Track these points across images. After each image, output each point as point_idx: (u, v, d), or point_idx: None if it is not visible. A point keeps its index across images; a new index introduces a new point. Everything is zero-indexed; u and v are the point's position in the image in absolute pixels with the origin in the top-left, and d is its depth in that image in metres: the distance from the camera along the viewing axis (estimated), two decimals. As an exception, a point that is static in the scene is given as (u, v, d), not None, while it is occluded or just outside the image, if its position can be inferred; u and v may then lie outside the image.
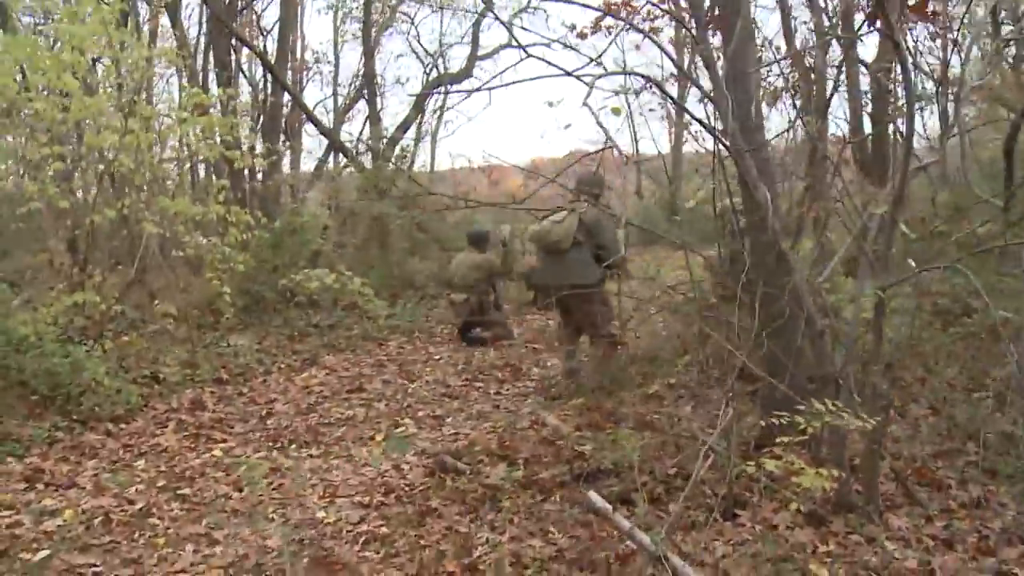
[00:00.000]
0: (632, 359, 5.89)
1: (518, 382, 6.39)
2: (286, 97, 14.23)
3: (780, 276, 3.98)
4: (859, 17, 5.72)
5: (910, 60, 6.73)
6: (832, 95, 5.33)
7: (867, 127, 7.79)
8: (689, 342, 6.19)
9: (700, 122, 3.59)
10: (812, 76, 5.82)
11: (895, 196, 2.95)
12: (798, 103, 6.02)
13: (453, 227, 11.98)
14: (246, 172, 10.88)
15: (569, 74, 2.96)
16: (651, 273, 7.00)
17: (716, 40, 4.90)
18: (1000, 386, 5.31)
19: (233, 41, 13.07)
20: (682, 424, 4.63)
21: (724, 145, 3.54)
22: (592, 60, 3.15)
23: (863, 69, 6.74)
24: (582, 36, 8.07)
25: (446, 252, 11.54)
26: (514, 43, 3.48)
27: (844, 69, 6.45)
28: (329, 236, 10.38)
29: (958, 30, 6.62)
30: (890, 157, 6.32)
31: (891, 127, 5.88)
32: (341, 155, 14.91)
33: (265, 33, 15.86)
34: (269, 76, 14.16)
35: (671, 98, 4.00)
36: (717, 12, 4.12)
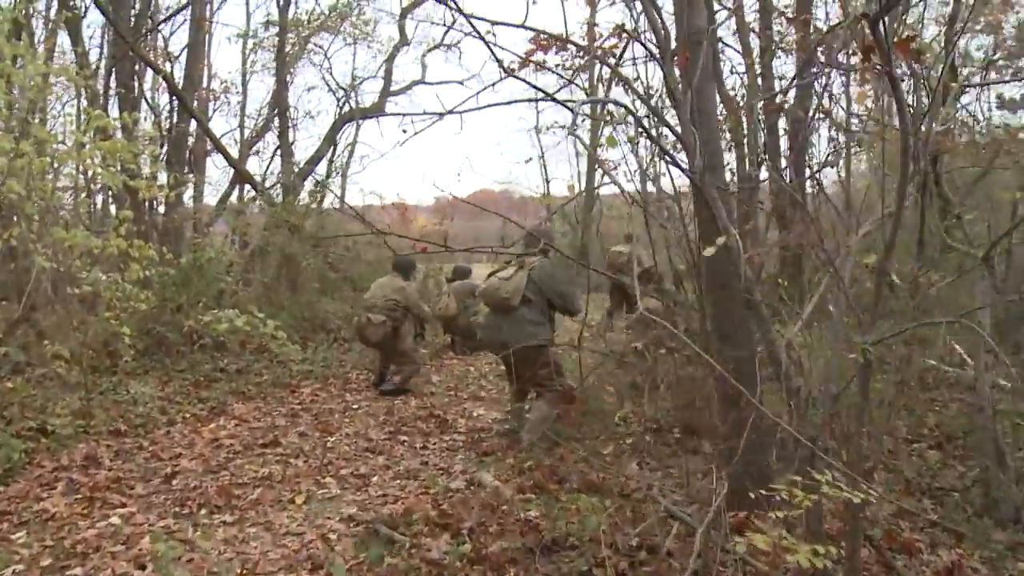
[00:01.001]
0: (574, 414, 5.64)
1: (445, 435, 6.02)
2: (191, 127, 13.62)
3: (746, 328, 3.82)
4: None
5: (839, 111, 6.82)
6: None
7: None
8: (627, 395, 6.01)
9: (674, 161, 3.38)
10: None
11: (887, 243, 2.78)
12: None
13: (368, 266, 11.57)
14: (148, 204, 10.21)
15: (550, 97, 2.69)
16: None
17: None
18: (940, 436, 5.31)
19: (137, 67, 12.43)
20: (632, 485, 4.38)
21: (696, 186, 3.34)
22: (567, 83, 2.89)
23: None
24: (509, 72, 7.82)
25: (358, 292, 11.13)
26: (425, 80, 3.22)
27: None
28: (236, 274, 9.83)
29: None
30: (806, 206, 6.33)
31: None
32: (249, 188, 14.32)
33: (173, 59, 15.15)
34: (175, 103, 13.52)
35: (647, 132, 3.82)
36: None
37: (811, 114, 5.92)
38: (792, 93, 6.92)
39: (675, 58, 3.75)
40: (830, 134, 9.67)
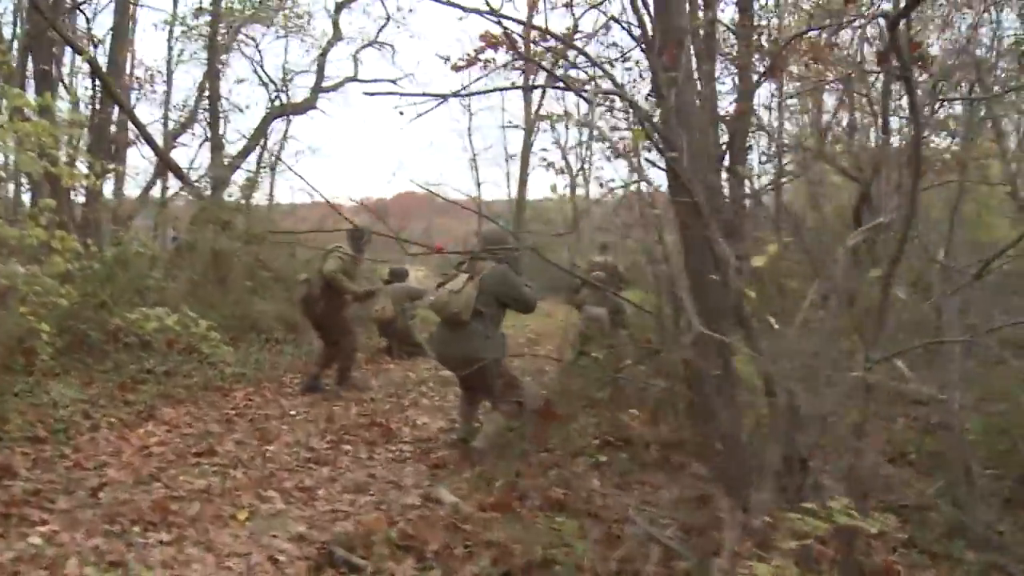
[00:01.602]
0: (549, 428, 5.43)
1: (390, 445, 5.76)
2: (114, 115, 12.96)
3: (724, 342, 3.69)
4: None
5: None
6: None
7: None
8: (582, 406, 5.86)
9: (667, 160, 3.22)
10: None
11: (894, 254, 2.67)
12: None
13: (303, 265, 11.15)
14: (69, 193, 9.62)
15: (565, 85, 2.49)
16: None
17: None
18: (892, 451, 5.30)
19: (55, 49, 11.75)
20: (597, 503, 4.21)
21: (688, 190, 3.19)
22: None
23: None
24: (456, 69, 7.62)
25: (289, 293, 10.70)
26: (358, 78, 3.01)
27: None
28: (160, 270, 9.31)
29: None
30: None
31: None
32: (175, 180, 13.74)
33: (96, 42, 14.41)
34: (96, 89, 12.85)
35: (651, 125, 3.64)
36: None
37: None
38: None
39: (661, 55, 3.61)
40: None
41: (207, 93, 14.95)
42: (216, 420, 6.17)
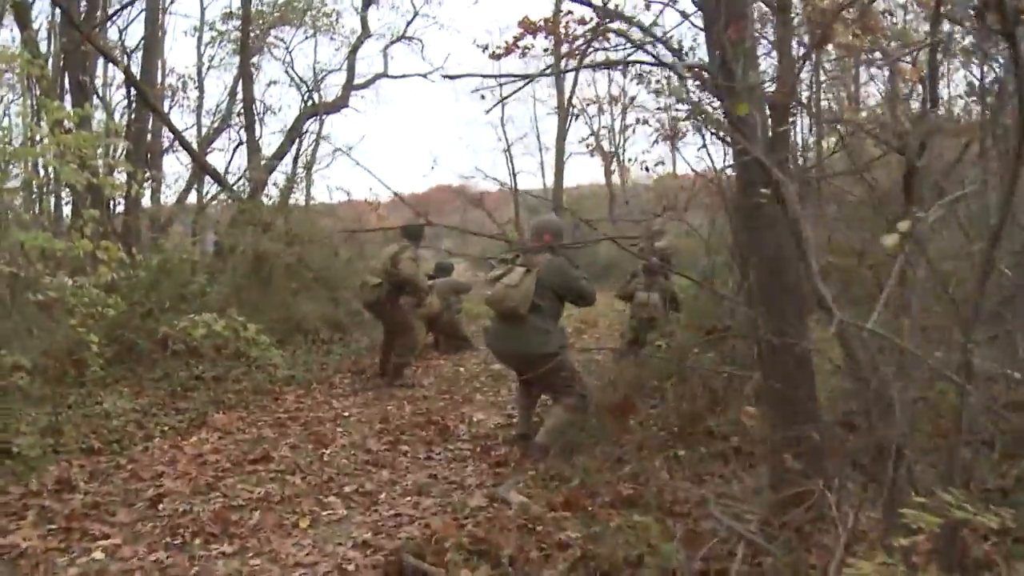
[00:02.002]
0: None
1: (448, 444, 5.61)
2: (149, 123, 12.98)
3: (802, 324, 3.49)
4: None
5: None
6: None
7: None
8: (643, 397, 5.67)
9: (742, 136, 3.00)
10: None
11: (996, 227, 2.43)
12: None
13: (344, 265, 11.07)
14: (110, 203, 9.61)
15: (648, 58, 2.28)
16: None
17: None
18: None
19: (88, 62, 11.76)
20: (668, 498, 4.01)
21: (766, 169, 2.97)
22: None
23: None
24: (495, 57, 7.42)
25: (333, 292, 10.63)
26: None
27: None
28: (202, 275, 9.24)
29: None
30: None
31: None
32: (211, 185, 13.76)
33: (128, 53, 14.45)
34: (132, 98, 12.89)
35: (718, 100, 3.43)
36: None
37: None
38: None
39: (727, 29, 3.37)
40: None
41: (240, 96, 14.90)
42: (269, 425, 6.08)
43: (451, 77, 3.64)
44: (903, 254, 3.29)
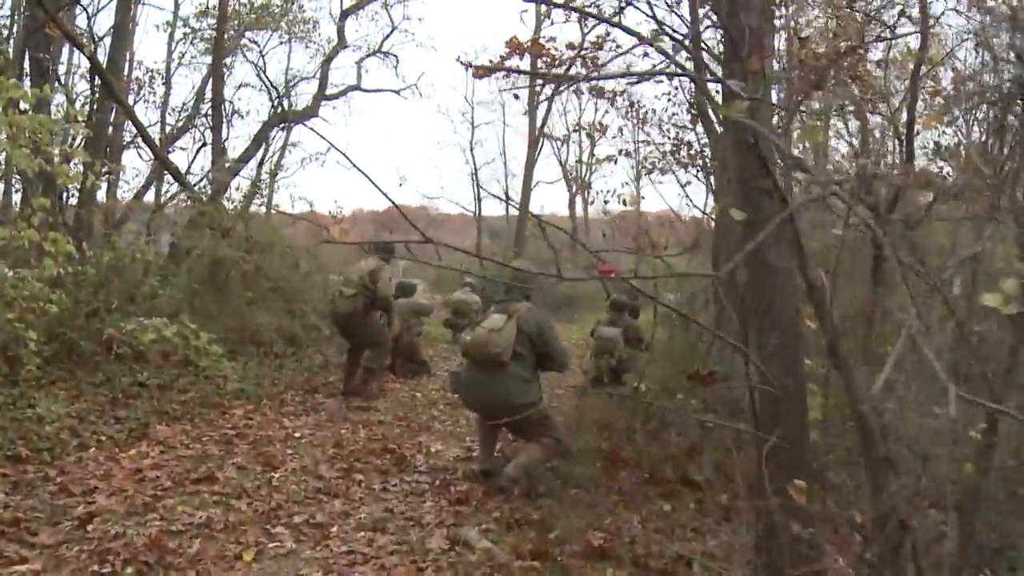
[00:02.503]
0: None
1: (405, 475, 5.29)
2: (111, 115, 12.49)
3: (796, 363, 3.30)
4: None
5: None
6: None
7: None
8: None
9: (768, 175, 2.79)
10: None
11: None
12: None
13: (303, 277, 10.70)
14: (61, 194, 9.13)
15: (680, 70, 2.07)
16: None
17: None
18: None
19: (51, 48, 11.29)
20: (638, 550, 3.77)
21: (782, 199, 2.77)
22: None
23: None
24: (478, 76, 7.29)
25: (290, 304, 10.25)
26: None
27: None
28: (153, 277, 8.79)
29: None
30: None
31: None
32: (174, 185, 13.26)
33: (96, 40, 13.96)
34: (96, 87, 12.39)
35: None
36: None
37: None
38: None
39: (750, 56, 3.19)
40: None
41: (209, 95, 14.51)
42: (215, 441, 5.70)
43: (480, 76, 3.39)
44: (913, 308, 3.10)
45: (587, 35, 10.47)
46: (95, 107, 12.18)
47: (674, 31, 5.02)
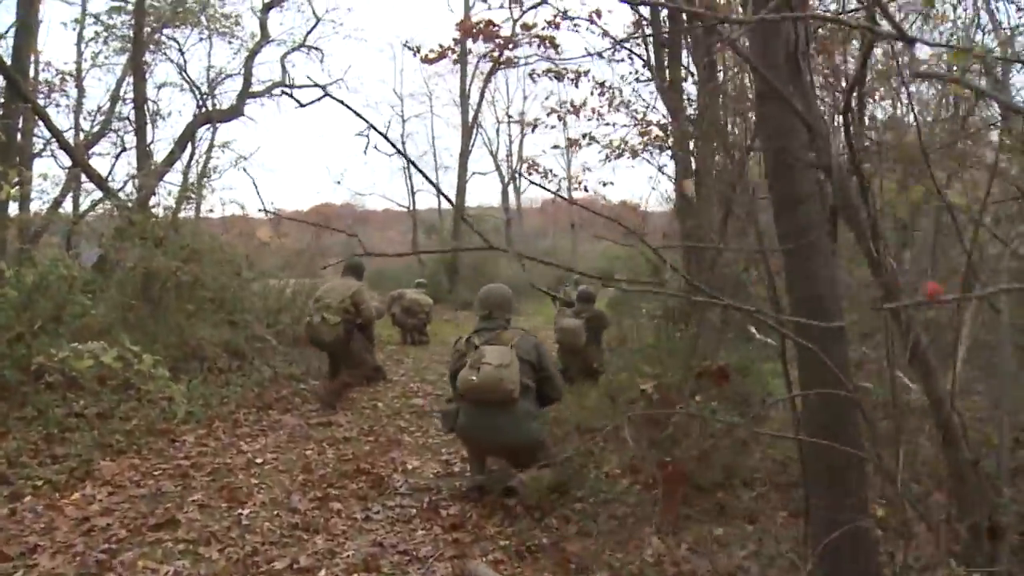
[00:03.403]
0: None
1: (386, 499, 4.81)
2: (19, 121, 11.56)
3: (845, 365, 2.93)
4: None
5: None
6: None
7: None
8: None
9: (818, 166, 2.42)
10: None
11: None
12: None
13: (242, 286, 10.02)
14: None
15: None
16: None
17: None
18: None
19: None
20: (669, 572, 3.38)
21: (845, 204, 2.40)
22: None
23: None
24: (427, 61, 6.92)
25: (231, 315, 9.59)
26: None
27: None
28: (76, 292, 8.05)
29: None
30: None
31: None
32: (94, 192, 12.40)
33: (-1, 36, 12.95)
34: (2, 90, 11.45)
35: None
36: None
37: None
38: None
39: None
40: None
41: (129, 96, 13.66)
42: (168, 475, 5.11)
43: (498, 68, 2.94)
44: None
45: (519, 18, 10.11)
46: (1, 111, 11.26)
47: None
